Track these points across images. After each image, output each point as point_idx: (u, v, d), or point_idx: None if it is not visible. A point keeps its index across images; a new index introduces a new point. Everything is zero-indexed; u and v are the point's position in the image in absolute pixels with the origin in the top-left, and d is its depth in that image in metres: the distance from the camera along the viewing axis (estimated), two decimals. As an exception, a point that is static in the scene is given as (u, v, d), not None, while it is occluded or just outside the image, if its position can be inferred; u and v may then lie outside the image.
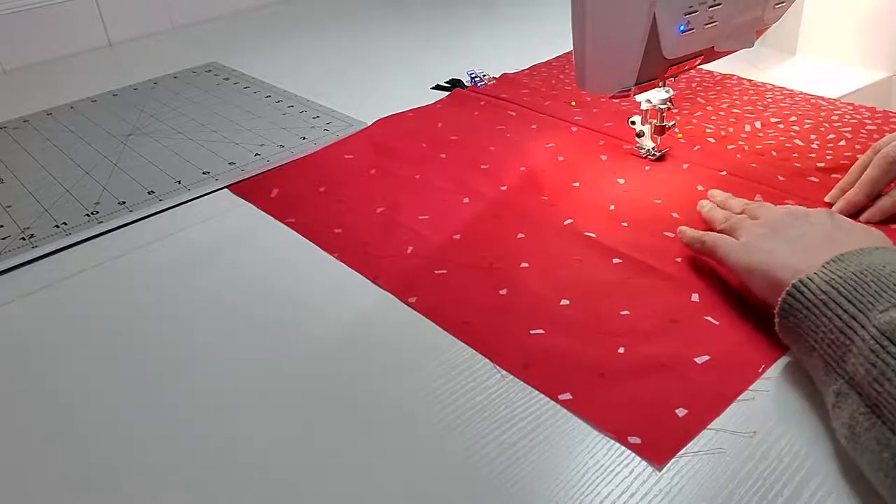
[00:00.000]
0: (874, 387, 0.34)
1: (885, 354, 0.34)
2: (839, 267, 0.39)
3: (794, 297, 0.40)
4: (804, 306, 0.39)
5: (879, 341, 0.34)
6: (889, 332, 0.34)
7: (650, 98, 0.64)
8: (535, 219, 0.60)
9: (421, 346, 0.47)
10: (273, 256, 0.58)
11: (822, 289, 0.39)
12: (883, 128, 0.69)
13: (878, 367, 0.34)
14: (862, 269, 0.38)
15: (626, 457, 0.38)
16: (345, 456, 0.40)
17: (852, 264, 0.39)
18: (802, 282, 0.40)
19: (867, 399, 0.34)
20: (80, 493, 0.39)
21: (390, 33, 1.12)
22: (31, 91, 0.99)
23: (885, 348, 0.34)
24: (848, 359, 0.36)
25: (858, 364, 0.35)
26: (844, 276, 0.38)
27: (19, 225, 0.65)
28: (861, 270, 0.38)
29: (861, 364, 0.35)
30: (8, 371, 0.48)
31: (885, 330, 0.34)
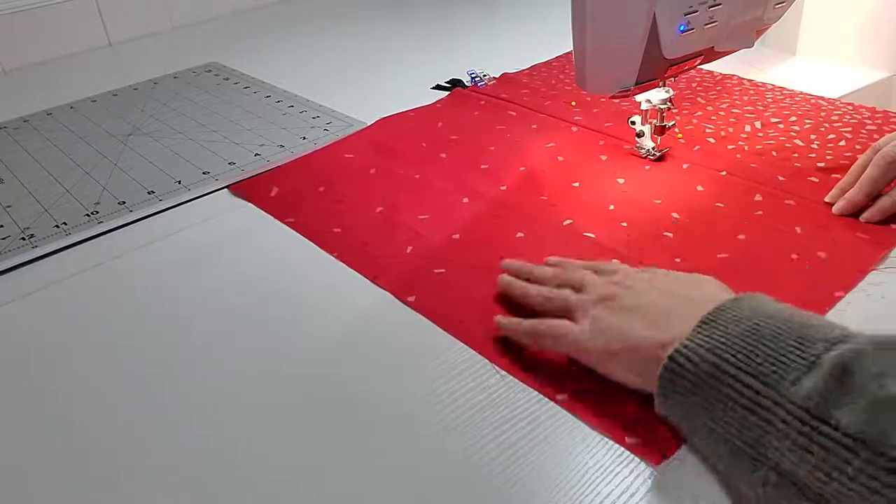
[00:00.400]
0: (819, 477, 0.29)
1: (824, 439, 0.29)
2: (714, 331, 0.34)
3: (674, 370, 0.35)
4: (690, 380, 0.34)
5: (808, 423, 0.29)
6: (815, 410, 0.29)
7: (650, 98, 0.64)
8: (534, 219, 0.60)
9: (421, 346, 0.47)
10: (273, 256, 0.58)
11: (706, 359, 0.34)
12: (883, 128, 0.69)
13: (816, 455, 0.29)
14: (741, 331, 0.34)
15: (625, 457, 0.38)
16: (345, 456, 0.40)
17: (728, 327, 0.34)
18: (679, 351, 0.35)
19: (808, 492, 0.29)
20: (80, 493, 0.39)
21: (390, 33, 1.12)
22: (31, 91, 1.00)
23: (817, 430, 0.29)
24: (769, 443, 0.31)
25: (787, 451, 0.30)
26: (727, 342, 0.34)
27: (19, 225, 0.65)
28: (741, 333, 0.34)
29: (793, 451, 0.30)
30: (8, 371, 0.48)
31: (809, 407, 0.30)
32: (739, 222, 0.56)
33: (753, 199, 0.59)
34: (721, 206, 0.59)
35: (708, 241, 0.55)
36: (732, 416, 0.32)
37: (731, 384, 0.33)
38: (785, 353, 0.32)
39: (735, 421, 0.32)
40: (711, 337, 0.34)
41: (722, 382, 0.33)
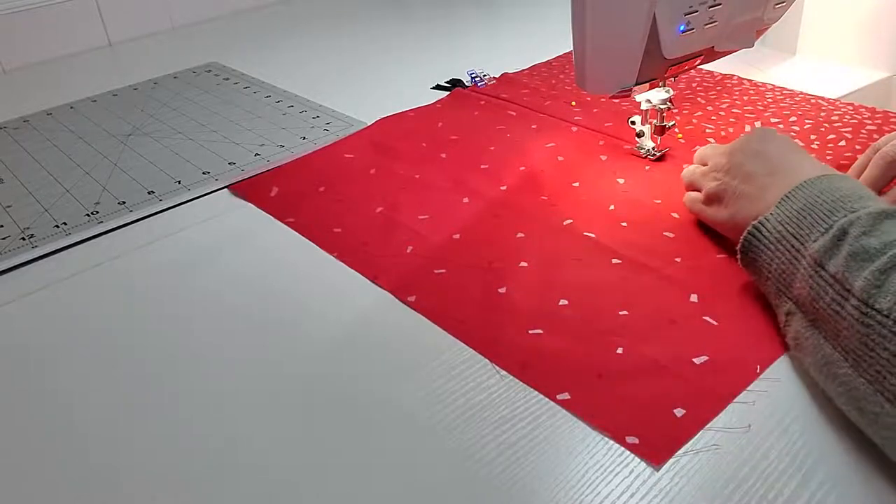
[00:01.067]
0: (812, 304, 0.40)
1: (818, 278, 0.40)
2: (787, 206, 0.45)
3: (753, 237, 0.46)
4: (762, 244, 0.45)
5: (813, 268, 0.40)
6: (818, 259, 0.40)
7: (650, 98, 0.64)
8: (534, 218, 0.60)
9: (421, 346, 0.47)
10: (273, 256, 0.58)
11: (775, 228, 0.45)
12: (883, 128, 0.69)
13: (814, 290, 0.40)
14: (804, 204, 0.44)
15: (625, 457, 0.38)
16: (344, 456, 0.40)
17: (798, 201, 0.44)
18: (758, 225, 0.46)
19: (808, 315, 0.41)
20: (80, 493, 0.39)
21: (390, 33, 1.12)
22: (31, 91, 1.00)
23: (817, 272, 0.40)
24: (795, 284, 0.42)
25: (801, 288, 0.41)
26: (791, 214, 0.44)
27: (19, 225, 0.65)
28: (803, 206, 0.44)
29: (803, 288, 0.41)
30: (8, 371, 0.48)
31: (816, 257, 0.40)
32: None
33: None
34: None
35: (708, 241, 0.55)
36: (780, 268, 0.44)
37: (784, 244, 0.44)
38: (819, 220, 0.42)
39: (781, 271, 0.44)
40: (782, 212, 0.45)
41: (780, 244, 0.44)
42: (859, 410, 0.36)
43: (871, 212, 0.40)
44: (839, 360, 0.38)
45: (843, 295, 0.38)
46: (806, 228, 0.42)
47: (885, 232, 0.39)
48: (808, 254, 0.41)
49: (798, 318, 0.42)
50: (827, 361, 0.39)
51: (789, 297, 0.43)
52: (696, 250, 0.54)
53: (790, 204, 0.45)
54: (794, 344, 0.42)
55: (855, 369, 0.36)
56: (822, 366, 0.39)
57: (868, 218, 0.40)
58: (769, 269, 0.45)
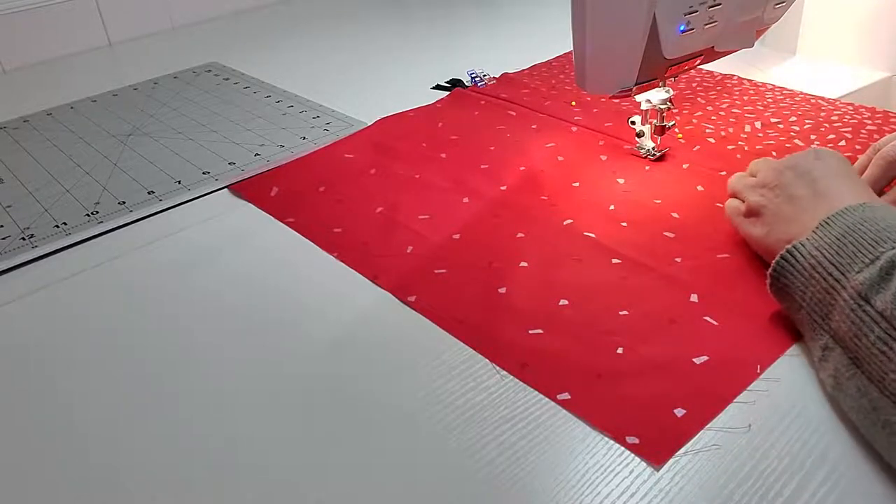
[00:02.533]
0: (854, 341, 0.37)
1: (862, 313, 0.37)
2: (825, 233, 0.42)
3: (786, 261, 0.43)
4: (795, 270, 0.43)
5: (857, 301, 0.38)
6: (863, 293, 0.38)
7: (650, 98, 0.64)
8: (534, 218, 0.60)
9: (421, 346, 0.47)
10: (273, 256, 0.58)
11: (811, 254, 0.42)
12: (883, 128, 0.69)
13: (856, 325, 0.37)
14: (844, 231, 0.41)
15: (625, 457, 0.38)
16: (344, 456, 0.40)
17: (836, 228, 0.42)
18: (792, 250, 0.43)
19: (848, 352, 0.38)
20: (80, 493, 0.39)
21: (390, 33, 1.12)
22: (31, 91, 1.00)
23: (861, 307, 0.37)
24: (833, 316, 0.40)
25: (841, 321, 0.39)
26: (829, 241, 0.42)
27: (19, 225, 0.65)
28: (843, 233, 0.41)
29: (843, 321, 0.38)
30: (8, 371, 0.48)
31: (861, 290, 0.38)
32: None
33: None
34: (721, 205, 0.59)
35: (708, 241, 0.55)
36: (816, 297, 0.41)
37: (820, 272, 0.41)
38: (861, 250, 0.40)
39: (817, 301, 0.41)
40: (820, 237, 0.42)
41: (815, 271, 0.41)
42: None
43: None
44: (888, 407, 0.35)
45: (893, 335, 0.35)
46: (847, 257, 0.40)
47: None
48: (851, 286, 0.38)
49: (838, 354, 0.39)
50: (875, 407, 0.36)
51: (826, 330, 0.40)
52: (697, 250, 0.54)
53: (829, 230, 0.42)
54: (834, 383, 0.39)
55: None
56: (870, 411, 0.36)
57: None
58: (803, 298, 0.42)
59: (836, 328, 0.39)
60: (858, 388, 0.37)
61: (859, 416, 0.37)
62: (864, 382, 0.37)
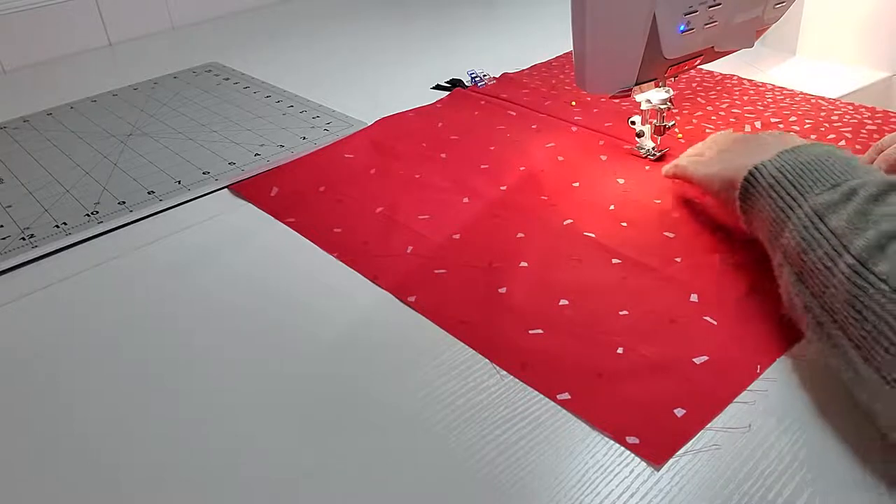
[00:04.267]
0: (801, 257, 0.39)
1: (814, 230, 0.38)
2: (790, 156, 0.44)
3: (749, 182, 0.45)
4: (757, 190, 0.44)
5: (811, 218, 0.39)
6: (819, 211, 0.39)
7: (650, 98, 0.64)
8: (534, 219, 0.60)
9: (421, 346, 0.47)
10: (273, 256, 0.58)
11: (772, 174, 0.43)
12: (883, 128, 0.69)
13: (806, 241, 0.39)
14: (810, 158, 0.42)
15: (625, 457, 0.38)
16: (344, 456, 0.40)
17: (802, 154, 0.43)
18: (757, 167, 0.45)
19: (795, 269, 0.40)
20: (80, 492, 0.39)
21: (390, 33, 1.12)
22: (31, 91, 1.00)
23: (814, 224, 0.38)
24: (784, 234, 0.41)
25: (791, 238, 0.40)
26: (793, 164, 0.43)
27: (19, 225, 0.65)
28: (809, 160, 0.42)
29: (793, 238, 0.40)
30: (8, 371, 0.48)
31: (816, 209, 0.39)
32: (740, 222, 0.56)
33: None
34: (721, 206, 0.59)
35: (708, 241, 0.55)
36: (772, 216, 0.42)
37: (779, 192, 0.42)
38: (825, 176, 0.41)
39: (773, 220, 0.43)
40: (784, 160, 0.44)
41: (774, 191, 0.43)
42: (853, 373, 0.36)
43: (883, 180, 0.39)
44: (829, 322, 0.37)
45: (839, 251, 0.36)
46: (809, 181, 0.41)
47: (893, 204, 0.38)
48: (809, 205, 0.40)
49: (787, 270, 0.41)
50: (819, 321, 0.38)
51: (777, 246, 0.42)
52: (696, 250, 0.54)
53: (795, 155, 0.43)
54: (787, 299, 0.42)
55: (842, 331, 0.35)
56: (816, 326, 0.38)
57: (881, 185, 0.38)
58: (762, 217, 0.44)
59: (786, 244, 0.41)
60: (805, 306, 0.39)
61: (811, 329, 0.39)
62: (808, 299, 0.38)
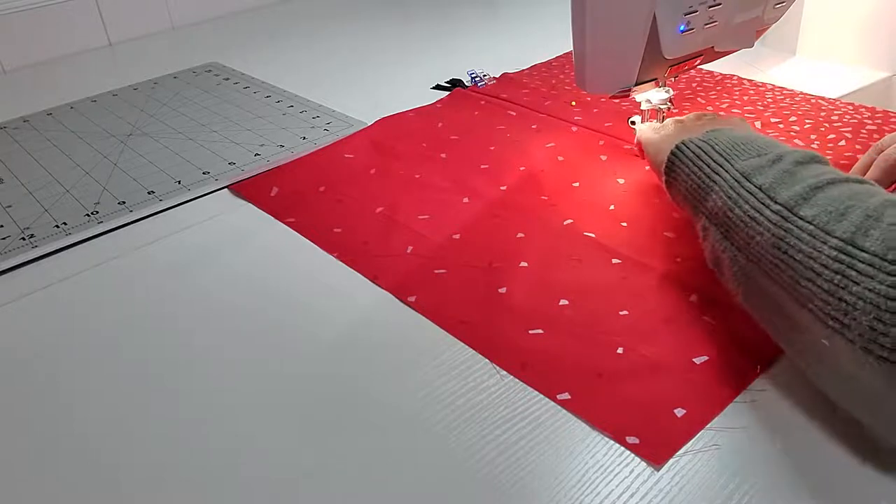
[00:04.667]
0: (727, 213, 0.41)
1: (740, 188, 0.40)
2: (716, 133, 0.46)
3: (674, 155, 0.47)
4: (682, 161, 0.46)
5: (737, 179, 0.41)
6: (746, 172, 0.41)
7: (650, 98, 0.64)
8: (534, 219, 0.60)
9: (421, 346, 0.47)
10: (273, 256, 0.58)
11: (699, 146, 0.46)
12: (883, 128, 0.69)
13: (731, 199, 0.40)
14: (737, 136, 0.45)
15: (626, 457, 0.38)
16: (344, 456, 0.40)
17: (729, 133, 0.45)
18: (684, 142, 0.47)
19: (721, 228, 0.41)
20: (80, 492, 0.39)
21: (390, 33, 1.12)
22: (31, 91, 1.00)
23: (740, 183, 0.40)
24: (710, 198, 0.43)
25: (717, 199, 0.42)
26: (719, 138, 0.45)
27: (19, 225, 0.65)
28: (736, 136, 0.45)
29: (719, 199, 0.42)
30: (8, 371, 0.48)
31: (743, 171, 0.41)
32: None
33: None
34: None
35: (708, 241, 0.55)
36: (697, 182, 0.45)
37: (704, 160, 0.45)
38: (751, 148, 0.43)
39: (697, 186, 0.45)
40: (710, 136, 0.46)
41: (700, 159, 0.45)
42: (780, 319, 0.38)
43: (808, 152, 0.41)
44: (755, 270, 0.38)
45: (765, 203, 0.38)
46: (736, 151, 0.43)
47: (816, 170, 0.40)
48: (735, 168, 0.42)
49: (713, 232, 0.43)
50: (746, 274, 0.39)
51: (703, 211, 0.44)
52: (697, 250, 0.54)
53: (721, 134, 0.46)
54: (712, 259, 0.44)
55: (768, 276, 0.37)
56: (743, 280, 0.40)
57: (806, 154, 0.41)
58: (686, 186, 0.46)
59: (712, 206, 0.42)
60: (731, 259, 0.40)
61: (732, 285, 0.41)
62: (733, 252, 0.40)
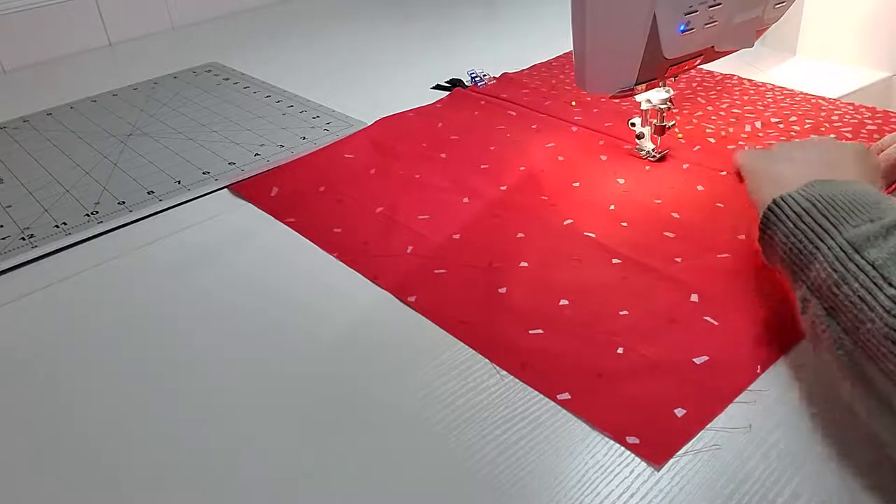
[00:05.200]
0: (833, 290, 0.36)
1: (848, 262, 0.36)
2: (821, 188, 0.41)
3: (771, 211, 0.43)
4: (781, 220, 0.42)
5: (844, 250, 0.36)
6: (856, 243, 0.36)
7: (650, 98, 0.64)
8: (534, 219, 0.60)
9: (421, 346, 0.47)
10: (273, 256, 0.58)
11: (800, 204, 0.41)
12: (883, 128, 0.69)
13: (839, 273, 0.36)
14: (842, 192, 0.40)
15: (626, 457, 0.38)
16: (344, 456, 0.40)
17: (834, 187, 0.41)
18: (782, 198, 0.42)
19: (825, 302, 0.37)
20: (80, 493, 0.39)
21: (390, 33, 1.12)
22: (31, 91, 1.00)
23: (848, 256, 0.36)
24: (813, 267, 0.39)
25: (821, 270, 0.38)
26: (823, 195, 0.40)
27: (19, 225, 0.65)
28: (841, 192, 0.40)
29: (823, 270, 0.37)
30: (8, 371, 0.48)
31: (853, 241, 0.36)
32: (740, 222, 0.56)
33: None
34: (721, 206, 0.59)
35: (708, 241, 0.55)
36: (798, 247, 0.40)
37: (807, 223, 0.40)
38: (860, 209, 0.38)
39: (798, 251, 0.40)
40: (812, 192, 0.41)
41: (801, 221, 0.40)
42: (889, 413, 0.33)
43: None
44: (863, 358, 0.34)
45: (878, 284, 0.34)
46: (843, 212, 0.39)
47: None
48: (844, 237, 0.37)
49: (813, 304, 0.38)
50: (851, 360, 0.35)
51: (804, 280, 0.40)
52: (697, 250, 0.54)
53: (825, 187, 0.41)
54: (811, 335, 0.39)
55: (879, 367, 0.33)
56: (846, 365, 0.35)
57: None
58: (784, 249, 0.41)
59: (815, 278, 0.38)
60: (834, 341, 0.36)
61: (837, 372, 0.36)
62: (839, 335, 0.36)
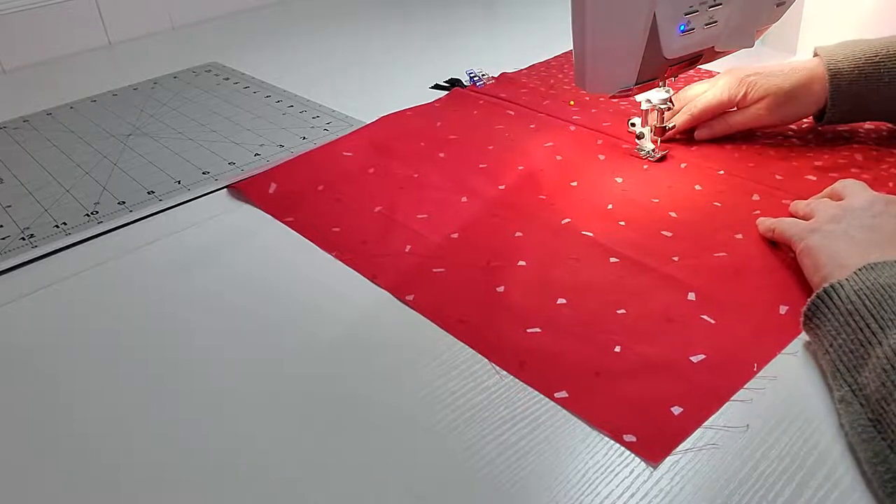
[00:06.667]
0: (881, 404, 0.35)
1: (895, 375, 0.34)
2: (869, 276, 0.40)
3: (821, 301, 0.41)
4: (830, 311, 0.40)
5: (892, 361, 0.35)
6: None
7: (650, 98, 0.64)
8: (532, 218, 0.60)
9: (419, 346, 0.47)
10: (273, 256, 0.58)
11: (850, 298, 0.39)
12: (881, 127, 0.69)
13: (886, 387, 0.35)
14: (891, 282, 0.38)
15: (625, 456, 0.38)
16: (344, 456, 0.40)
17: (883, 275, 0.39)
18: (833, 287, 0.41)
19: (871, 413, 0.35)
20: (80, 493, 0.39)
21: (390, 33, 1.13)
22: (31, 91, 1.00)
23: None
24: (863, 372, 0.37)
25: (871, 380, 0.36)
26: (872, 287, 0.39)
27: (19, 225, 0.65)
28: (890, 284, 0.38)
29: (874, 380, 0.36)
30: (8, 371, 0.48)
31: None
32: (737, 221, 0.57)
33: (751, 199, 0.60)
34: (719, 205, 0.59)
35: (706, 240, 0.55)
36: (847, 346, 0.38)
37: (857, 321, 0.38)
38: None
39: (847, 350, 0.38)
40: (862, 280, 0.40)
41: (852, 318, 0.39)
42: None
43: None
44: None
45: None
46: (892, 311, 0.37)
47: None
48: (889, 344, 0.36)
49: (855, 409, 0.37)
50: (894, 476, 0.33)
51: (847, 382, 0.38)
52: (694, 249, 0.54)
53: (874, 275, 0.40)
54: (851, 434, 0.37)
55: None
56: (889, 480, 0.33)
57: None
58: (831, 343, 0.40)
59: (864, 384, 0.36)
60: (876, 454, 0.34)
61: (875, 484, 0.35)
62: (883, 449, 0.34)
